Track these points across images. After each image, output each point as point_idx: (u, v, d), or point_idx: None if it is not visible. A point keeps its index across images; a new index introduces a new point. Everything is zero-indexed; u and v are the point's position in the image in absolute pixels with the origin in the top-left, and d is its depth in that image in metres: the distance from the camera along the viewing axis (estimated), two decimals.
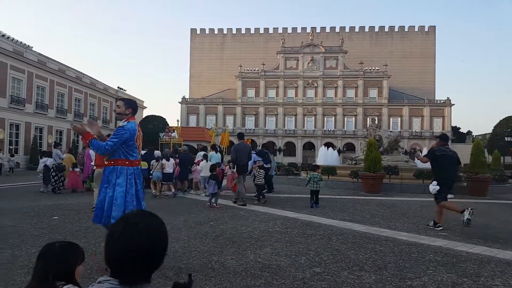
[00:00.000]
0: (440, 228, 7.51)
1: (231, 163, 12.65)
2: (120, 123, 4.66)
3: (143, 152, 15.56)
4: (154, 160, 13.18)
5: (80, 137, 4.64)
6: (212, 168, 10.90)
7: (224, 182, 14.31)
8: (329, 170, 17.28)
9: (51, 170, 13.68)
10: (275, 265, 4.79)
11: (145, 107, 62.55)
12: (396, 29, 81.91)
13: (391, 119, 65.53)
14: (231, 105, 68.33)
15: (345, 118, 66.02)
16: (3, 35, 31.79)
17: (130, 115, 4.69)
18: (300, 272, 4.51)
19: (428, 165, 9.36)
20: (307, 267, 4.72)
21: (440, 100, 68.23)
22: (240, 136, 11.57)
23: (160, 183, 12.92)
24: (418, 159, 10.62)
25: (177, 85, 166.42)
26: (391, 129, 57.37)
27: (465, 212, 7.12)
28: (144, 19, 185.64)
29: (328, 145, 37.14)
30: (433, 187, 7.72)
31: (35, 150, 32.67)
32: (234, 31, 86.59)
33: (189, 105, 69.57)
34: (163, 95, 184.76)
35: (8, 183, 17.50)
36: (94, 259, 4.80)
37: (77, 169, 14.12)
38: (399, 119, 65.70)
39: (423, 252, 5.58)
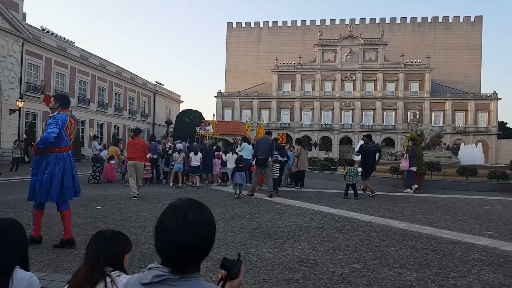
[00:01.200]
0: (375, 193, 11.46)
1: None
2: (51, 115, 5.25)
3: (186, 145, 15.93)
4: (176, 152, 13.58)
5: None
6: (239, 160, 11.26)
7: None
8: None
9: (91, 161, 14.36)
10: (313, 259, 4.75)
11: (182, 101, 63.66)
12: (440, 20, 78.54)
13: (433, 113, 63.14)
14: (266, 99, 68.16)
15: (385, 112, 64.16)
16: (47, 31, 33.15)
17: (59, 107, 5.27)
18: (339, 268, 4.45)
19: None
20: (346, 263, 4.65)
21: (485, 94, 64.98)
22: (267, 132, 12.28)
23: (183, 174, 13.49)
24: (354, 153, 13.32)
25: (213, 80, 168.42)
26: (433, 124, 55.37)
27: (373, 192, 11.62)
28: (180, 14, 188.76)
29: None
30: (359, 170, 12.00)
31: (78, 142, 34.13)
32: (270, 24, 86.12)
33: (224, 99, 70.02)
34: (200, 90, 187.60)
35: None
36: None
37: (113, 161, 14.73)
38: (442, 113, 63.17)
39: (467, 251, 5.36)
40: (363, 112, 64.52)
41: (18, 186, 12.34)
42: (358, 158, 12.86)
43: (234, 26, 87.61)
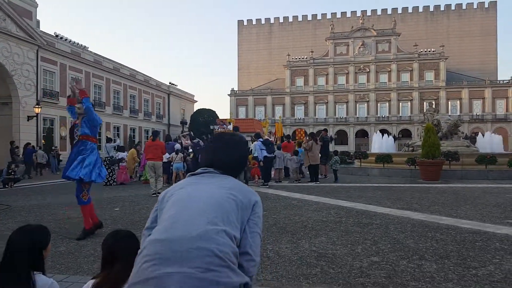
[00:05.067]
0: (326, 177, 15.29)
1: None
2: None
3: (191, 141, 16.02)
4: (174, 153, 13.87)
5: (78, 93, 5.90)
6: None
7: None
8: (384, 158, 16.76)
9: (104, 164, 14.40)
10: (331, 254, 4.73)
11: (196, 101, 63.74)
12: (453, 7, 77.03)
13: (449, 102, 61.98)
14: (279, 95, 67.89)
15: (400, 103, 63.18)
16: (61, 38, 33.53)
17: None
18: (357, 261, 4.42)
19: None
20: (364, 256, 4.62)
21: (503, 80, 63.40)
22: (236, 129, 13.23)
23: (182, 174, 13.81)
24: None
25: (226, 79, 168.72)
26: (449, 113, 54.41)
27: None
28: (191, 15, 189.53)
29: (382, 132, 35.68)
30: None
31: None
32: (281, 20, 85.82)
33: (238, 97, 70.00)
34: (213, 89, 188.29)
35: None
36: None
37: (123, 164, 14.91)
38: (458, 102, 61.95)
39: (487, 240, 5.26)
40: (378, 104, 63.76)
41: (39, 191, 12.61)
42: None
43: (245, 23, 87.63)
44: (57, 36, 32.89)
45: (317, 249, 4.93)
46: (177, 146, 14.78)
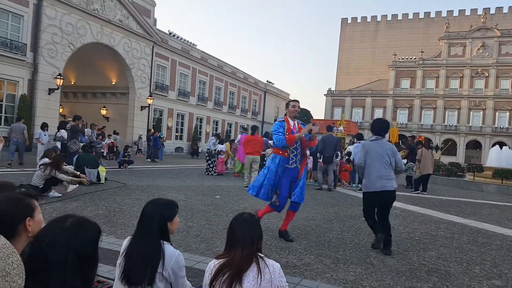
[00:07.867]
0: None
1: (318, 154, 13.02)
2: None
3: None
4: (268, 148, 13.67)
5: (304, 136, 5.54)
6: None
7: None
8: (504, 173, 14.90)
9: (206, 155, 15.13)
10: (443, 270, 4.28)
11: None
12: None
13: None
14: (381, 97, 64.42)
15: None
16: (173, 35, 36.06)
17: None
18: (476, 282, 3.94)
19: None
20: (484, 278, 4.10)
21: None
22: (329, 128, 12.49)
23: None
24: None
25: (323, 78, 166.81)
26: None
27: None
28: (293, 14, 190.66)
29: (500, 144, 31.63)
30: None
31: (196, 137, 36.76)
32: (389, 18, 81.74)
33: (334, 97, 67.97)
34: (308, 88, 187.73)
35: (171, 165, 19.98)
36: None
37: (221, 156, 15.38)
38: None
39: None
40: (497, 113, 56.54)
41: (149, 174, 13.73)
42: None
43: (349, 21, 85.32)
44: (170, 33, 35.46)
45: (427, 263, 4.51)
46: (271, 142, 14.91)
